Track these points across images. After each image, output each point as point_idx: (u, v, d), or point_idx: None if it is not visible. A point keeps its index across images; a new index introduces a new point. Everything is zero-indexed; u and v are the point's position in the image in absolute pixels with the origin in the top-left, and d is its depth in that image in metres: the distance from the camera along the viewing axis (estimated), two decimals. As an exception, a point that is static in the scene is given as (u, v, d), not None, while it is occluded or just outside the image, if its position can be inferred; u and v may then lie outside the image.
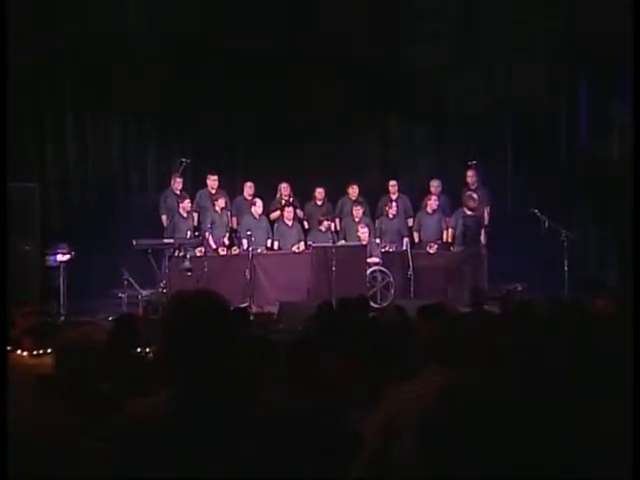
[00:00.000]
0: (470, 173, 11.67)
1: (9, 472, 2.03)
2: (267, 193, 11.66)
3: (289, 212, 11.28)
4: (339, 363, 3.47)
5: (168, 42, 11.50)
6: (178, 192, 11.35)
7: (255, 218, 11.17)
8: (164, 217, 11.31)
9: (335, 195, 11.95)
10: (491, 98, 12.24)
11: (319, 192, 11.72)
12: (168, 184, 11.48)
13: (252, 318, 8.96)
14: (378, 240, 11.33)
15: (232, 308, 4.50)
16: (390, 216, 11.57)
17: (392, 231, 11.56)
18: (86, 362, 2.84)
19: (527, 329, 3.96)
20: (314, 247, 10.76)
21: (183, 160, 11.47)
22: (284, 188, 11.60)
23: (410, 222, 11.88)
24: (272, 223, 11.47)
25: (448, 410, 1.74)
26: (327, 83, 11.92)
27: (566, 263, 10.44)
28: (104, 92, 11.51)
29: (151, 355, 4.59)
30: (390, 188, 11.91)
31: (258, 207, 11.19)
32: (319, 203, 11.78)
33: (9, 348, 3.84)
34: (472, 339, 2.87)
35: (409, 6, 12.23)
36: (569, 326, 3.85)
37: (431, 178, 11.86)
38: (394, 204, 11.62)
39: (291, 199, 11.57)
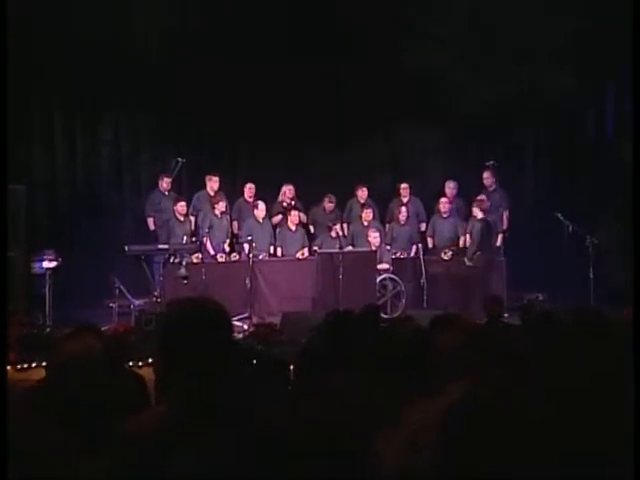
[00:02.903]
0: (487, 174, 11.66)
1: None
2: (269, 196, 11.66)
3: (294, 216, 11.28)
4: (348, 379, 3.45)
5: (165, 36, 11.54)
6: (167, 193, 11.37)
7: (258, 222, 11.17)
8: (150, 220, 11.33)
9: (343, 198, 11.95)
10: (510, 95, 12.24)
11: (329, 199, 11.65)
12: (157, 185, 11.50)
13: (252, 329, 8.97)
14: (389, 246, 11.33)
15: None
16: (401, 222, 11.57)
17: (403, 237, 11.56)
18: (84, 377, 2.84)
19: (549, 342, 3.94)
20: (320, 253, 10.76)
21: (179, 160, 11.48)
22: (288, 190, 11.60)
23: (423, 227, 11.88)
24: (274, 228, 11.48)
25: (468, 428, 1.74)
26: (334, 80, 11.95)
27: (591, 271, 10.41)
28: (94, 88, 11.55)
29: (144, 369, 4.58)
30: (401, 191, 11.92)
31: (261, 210, 11.18)
32: (328, 211, 11.75)
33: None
34: (489, 353, 2.86)
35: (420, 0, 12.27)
36: (595, 339, 3.83)
37: (446, 179, 11.86)
38: (404, 208, 11.61)
39: (294, 202, 11.58)
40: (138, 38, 11.62)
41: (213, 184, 11.40)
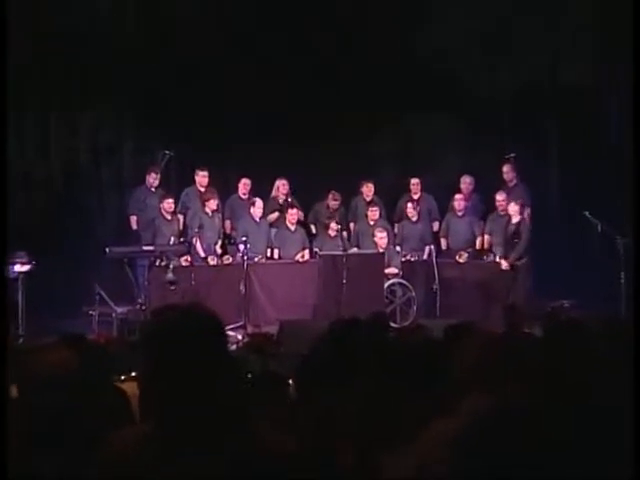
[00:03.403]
0: (507, 168, 11.66)
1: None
2: (265, 192, 11.67)
3: (292, 214, 11.28)
4: (354, 396, 3.46)
5: (151, 25, 11.59)
6: (153, 189, 11.39)
7: (254, 221, 11.17)
8: (133, 217, 11.35)
9: (346, 195, 11.96)
10: (531, 79, 12.24)
11: (334, 197, 11.61)
12: (144, 180, 11.52)
13: (247, 340, 8.98)
14: (398, 248, 11.33)
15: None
16: (413, 219, 11.57)
17: (415, 237, 11.56)
18: (61, 393, 2.83)
19: (576, 355, 3.94)
20: (321, 255, 10.76)
21: (166, 152, 11.50)
22: (282, 185, 11.60)
23: (436, 226, 11.88)
24: (271, 228, 11.48)
25: (484, 447, 1.74)
26: (336, 63, 11.94)
27: (623, 275, 10.40)
28: (72, 74, 11.55)
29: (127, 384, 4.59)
30: (412, 187, 11.92)
31: (258, 208, 11.18)
32: (332, 209, 11.72)
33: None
34: (509, 367, 2.86)
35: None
36: (627, 351, 3.83)
37: (461, 174, 11.86)
38: (415, 205, 11.60)
39: (289, 199, 11.58)
40: (121, 22, 11.64)
41: (202, 179, 11.41)
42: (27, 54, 11.36)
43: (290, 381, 4.19)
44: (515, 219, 10.88)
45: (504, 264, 10.74)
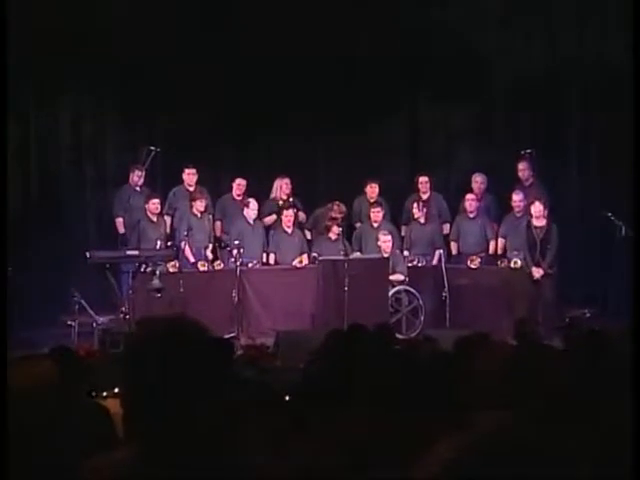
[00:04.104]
0: (522, 166, 11.66)
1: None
2: (260, 192, 11.66)
3: (288, 216, 11.26)
4: (355, 414, 3.45)
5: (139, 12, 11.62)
6: (138, 188, 11.39)
7: (248, 223, 11.18)
8: (119, 220, 11.35)
9: (349, 195, 11.96)
10: (550, 69, 12.25)
11: (339, 209, 11.39)
12: (127, 179, 11.52)
13: (240, 352, 8.97)
14: (406, 252, 11.32)
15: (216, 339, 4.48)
16: (421, 221, 11.56)
17: (423, 240, 11.55)
18: (36, 411, 2.82)
19: (599, 369, 3.94)
20: (321, 261, 10.76)
21: (152, 148, 11.50)
22: (284, 185, 11.58)
23: (446, 229, 11.88)
24: (266, 231, 11.49)
25: (497, 468, 1.74)
26: (336, 50, 11.93)
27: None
28: (51, 65, 11.56)
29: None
30: (420, 185, 11.91)
31: (252, 209, 11.19)
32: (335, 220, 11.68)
33: None
34: (526, 384, 2.86)
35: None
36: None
37: (473, 172, 11.87)
38: (421, 206, 11.58)
39: (291, 199, 11.58)
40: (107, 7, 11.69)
41: (190, 177, 11.42)
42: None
43: (286, 397, 4.19)
44: (539, 222, 10.77)
45: (536, 272, 10.61)
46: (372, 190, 11.77)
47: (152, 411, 1.97)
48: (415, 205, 11.59)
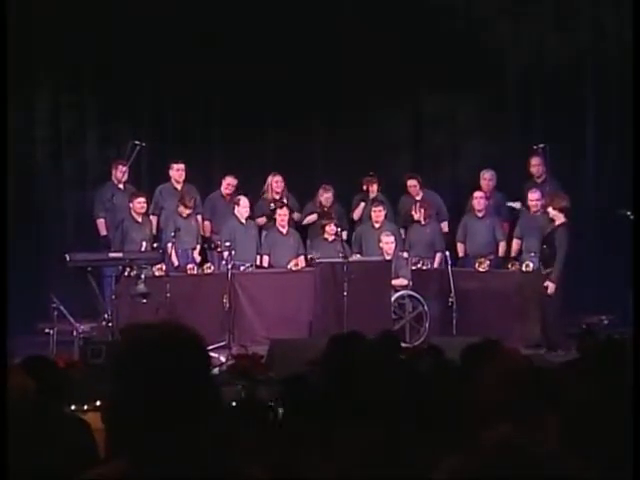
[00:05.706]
0: (535, 161, 11.67)
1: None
2: (251, 190, 11.66)
3: (282, 215, 11.26)
4: (356, 428, 3.46)
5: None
6: (122, 186, 11.39)
7: (240, 223, 11.18)
8: (101, 221, 11.34)
9: (346, 193, 11.95)
10: (565, 58, 12.25)
11: (324, 189, 11.62)
12: (110, 175, 11.51)
13: (232, 362, 8.97)
14: (405, 254, 11.33)
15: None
16: (422, 222, 11.55)
17: (422, 242, 11.56)
18: (13, 426, 2.83)
19: (616, 380, 3.95)
20: (319, 263, 10.76)
21: (136, 143, 11.49)
22: (275, 183, 11.59)
23: (445, 227, 11.86)
24: (260, 231, 11.49)
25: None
26: (333, 37, 11.94)
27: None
28: (27, 50, 11.56)
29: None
30: (410, 189, 11.83)
31: (243, 208, 11.19)
32: (325, 205, 11.70)
33: None
34: (537, 397, 2.86)
35: None
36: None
37: (482, 168, 11.87)
38: (419, 206, 11.56)
39: (284, 198, 11.58)
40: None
41: (177, 173, 11.41)
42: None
43: (280, 410, 4.20)
44: (558, 221, 10.56)
45: (551, 287, 10.26)
46: (372, 187, 11.68)
47: (137, 426, 1.97)
48: (412, 207, 11.59)
